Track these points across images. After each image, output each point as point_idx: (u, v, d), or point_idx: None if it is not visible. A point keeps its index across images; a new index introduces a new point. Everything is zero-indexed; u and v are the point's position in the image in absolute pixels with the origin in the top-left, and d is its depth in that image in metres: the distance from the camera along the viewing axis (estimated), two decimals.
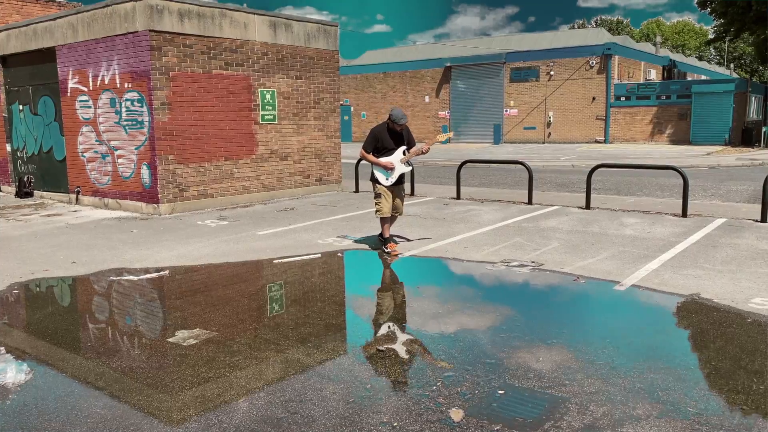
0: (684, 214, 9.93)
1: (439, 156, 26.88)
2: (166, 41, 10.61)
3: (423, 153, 7.76)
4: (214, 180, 11.59)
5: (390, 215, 7.85)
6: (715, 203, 11.94)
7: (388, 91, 42.70)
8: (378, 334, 5.03)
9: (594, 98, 34.75)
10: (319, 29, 13.34)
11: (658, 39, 48.71)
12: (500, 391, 3.92)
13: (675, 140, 32.97)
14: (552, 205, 11.39)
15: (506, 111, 37.92)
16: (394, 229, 8.54)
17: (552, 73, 35.91)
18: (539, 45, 39.17)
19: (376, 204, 7.80)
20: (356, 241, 8.51)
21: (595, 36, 39.73)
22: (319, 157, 13.60)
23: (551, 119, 36.25)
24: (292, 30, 12.77)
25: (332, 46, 13.66)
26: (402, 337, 4.93)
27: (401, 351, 4.60)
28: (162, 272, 7.03)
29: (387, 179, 7.73)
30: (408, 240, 8.50)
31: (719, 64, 68.33)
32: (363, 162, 18.26)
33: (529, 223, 9.68)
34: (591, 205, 11.01)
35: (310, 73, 13.19)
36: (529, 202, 11.60)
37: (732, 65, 68.15)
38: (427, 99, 41.06)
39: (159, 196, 10.81)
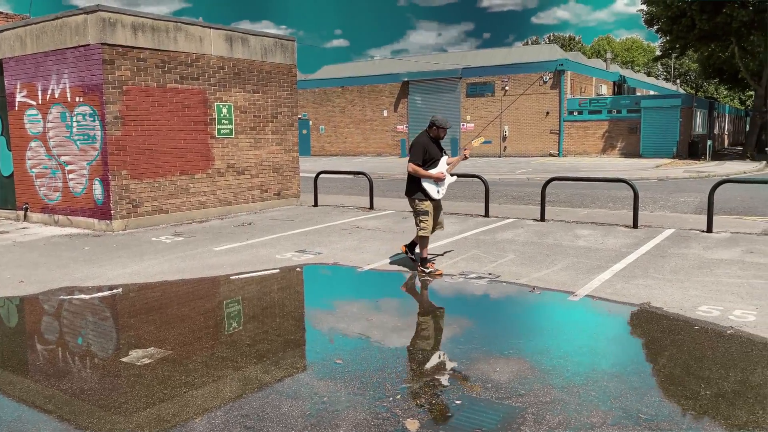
0: (635, 226, 10.23)
1: (399, 170, 27.03)
2: (119, 55, 10.43)
3: (465, 158, 7.57)
4: (169, 195, 11.39)
5: (431, 234, 7.45)
6: (664, 214, 12.33)
7: (346, 105, 42.83)
8: (336, 349, 5.01)
9: (548, 113, 35.56)
10: (276, 44, 13.33)
11: (609, 55, 50.23)
12: (457, 402, 3.95)
13: (626, 153, 33.97)
14: (508, 218, 11.57)
15: (463, 125, 38.46)
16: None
17: (507, 88, 36.63)
18: (494, 61, 39.92)
19: (422, 222, 7.31)
20: (316, 255, 8.47)
21: (548, 52, 40.73)
22: (278, 171, 13.52)
23: (507, 133, 36.91)
24: (249, 44, 12.72)
25: (289, 60, 13.66)
26: (361, 350, 4.93)
27: (360, 364, 4.59)
28: (115, 290, 6.86)
29: (438, 192, 7.34)
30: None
31: (666, 79, 70.88)
32: (323, 175, 18.15)
33: (487, 235, 9.81)
34: (546, 218, 11.23)
35: (268, 87, 13.14)
36: (486, 214, 11.77)
37: (678, 81, 70.77)
38: (385, 113, 41.33)
39: (112, 212, 10.56)
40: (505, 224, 10.89)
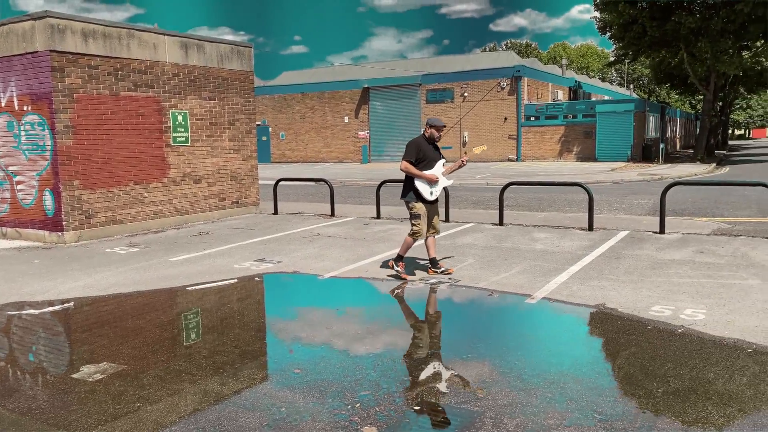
0: (590, 228, 10.44)
1: (360, 176, 27.05)
2: (69, 62, 10.16)
3: (462, 166, 7.52)
4: (123, 205, 11.13)
5: (423, 238, 7.43)
6: (619, 216, 12.62)
7: (306, 111, 42.66)
8: (296, 358, 4.95)
9: (506, 118, 36.08)
10: (232, 50, 13.19)
11: (564, 61, 51.31)
12: (416, 407, 3.95)
13: (582, 157, 34.68)
14: (468, 222, 11.67)
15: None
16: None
17: (466, 94, 37.04)
18: (453, 67, 40.36)
19: (414, 225, 7.31)
20: (276, 264, 8.39)
21: (506, 59, 41.40)
22: (235, 179, 13.36)
23: (466, 139, 37.30)
24: (205, 51, 12.55)
25: (246, 66, 13.53)
26: (320, 359, 4.89)
27: (319, 374, 4.55)
28: (67, 304, 6.66)
29: (431, 193, 7.31)
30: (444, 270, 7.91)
31: (620, 85, 72.76)
32: (284, 183, 17.96)
33: (447, 240, 9.87)
34: (504, 222, 11.37)
35: (225, 94, 12.99)
36: (446, 219, 11.85)
37: (632, 86, 72.73)
38: (346, 119, 41.32)
39: (63, 223, 10.26)
40: (464, 229, 10.98)
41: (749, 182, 14.63)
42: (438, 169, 7.34)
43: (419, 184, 7.25)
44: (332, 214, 13.01)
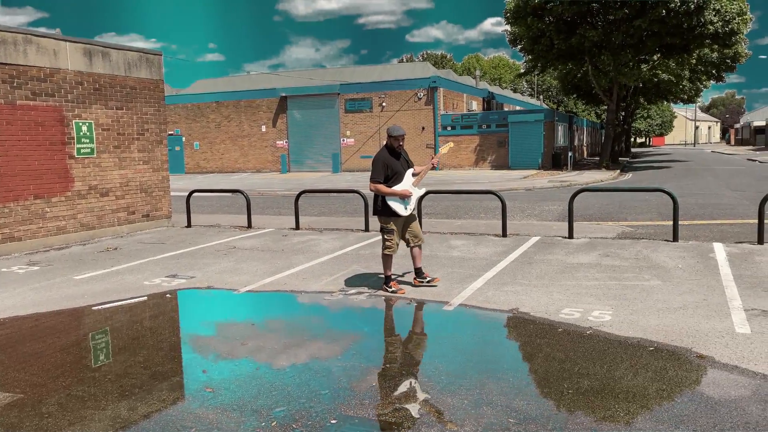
0: (504, 234, 10.74)
1: (279, 186, 26.69)
2: None
3: (434, 167, 7.08)
4: (21, 221, 10.43)
5: (397, 252, 7.16)
6: (531, 223, 13.07)
7: (222, 120, 41.69)
8: (210, 378, 4.77)
9: (423, 128, 36.69)
10: (141, 58, 12.69)
11: (478, 73, 52.88)
12: (333, 421, 3.89)
13: (496, 166, 35.77)
14: None
15: (343, 140, 38.74)
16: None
17: (384, 104, 37.40)
18: (371, 77, 40.67)
19: (386, 241, 7.02)
20: (189, 280, 8.09)
21: (422, 70, 42.13)
22: (146, 191, 12.83)
23: None
24: (111, 58, 12.01)
25: (156, 75, 13.06)
26: (235, 376, 4.73)
27: (234, 392, 4.41)
28: None
29: (406, 208, 6.96)
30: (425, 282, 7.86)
31: (531, 95, 75.72)
32: (198, 194, 17.35)
33: (366, 250, 9.87)
34: (424, 230, 11.48)
35: (133, 104, 12.47)
36: (366, 229, 11.86)
37: (541, 97, 75.86)
38: (263, 128, 40.71)
39: None
40: None
41: (649, 188, 15.56)
42: (408, 181, 6.97)
43: (392, 203, 6.90)
44: (249, 226, 12.74)
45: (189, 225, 13.16)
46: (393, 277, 7.39)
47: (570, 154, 35.13)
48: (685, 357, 4.85)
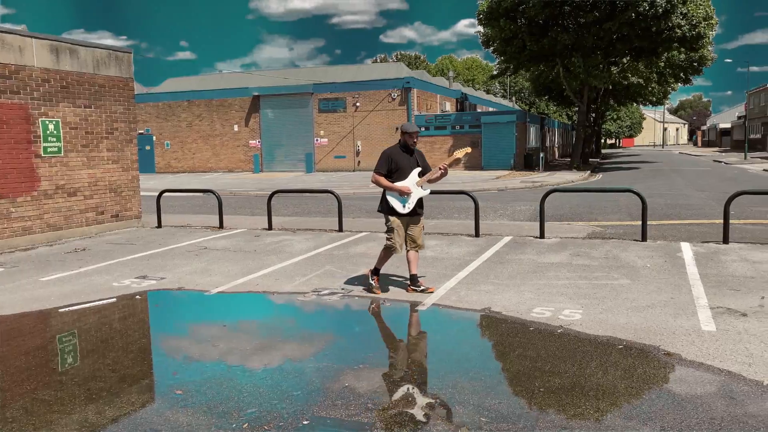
0: (477, 234, 10.81)
1: (251, 186, 26.47)
2: None
3: (443, 175, 6.89)
4: None
5: (401, 252, 6.91)
6: (503, 223, 13.18)
7: (193, 119, 41.21)
8: (180, 380, 4.71)
9: (397, 128, 36.62)
10: (110, 55, 12.47)
11: (451, 74, 53.14)
12: (305, 422, 3.87)
13: (469, 166, 35.99)
14: (361, 232, 11.72)
15: (317, 140, 38.60)
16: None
17: (358, 104, 37.36)
18: (345, 77, 40.59)
19: (388, 239, 6.88)
20: (159, 281, 7.97)
21: (396, 70, 42.19)
22: (115, 191, 12.61)
23: (359, 148, 37.61)
24: (79, 56, 11.78)
25: (126, 73, 12.84)
26: (206, 378, 4.67)
27: (204, 394, 4.35)
28: None
29: (404, 206, 6.83)
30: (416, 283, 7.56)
31: (504, 97, 76.40)
32: (169, 194, 17.12)
33: (340, 250, 9.85)
34: None
35: (102, 102, 12.24)
36: (340, 229, 11.83)
37: (514, 98, 76.55)
38: (236, 128, 40.34)
39: None
40: (358, 238, 11.01)
41: (619, 188, 15.77)
42: (412, 179, 6.85)
43: (390, 197, 6.84)
44: (221, 227, 12.61)
45: (159, 225, 12.97)
46: (384, 274, 7.33)
47: (542, 155, 35.52)
48: (653, 355, 4.94)
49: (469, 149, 7.47)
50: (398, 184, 6.79)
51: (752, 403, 4.04)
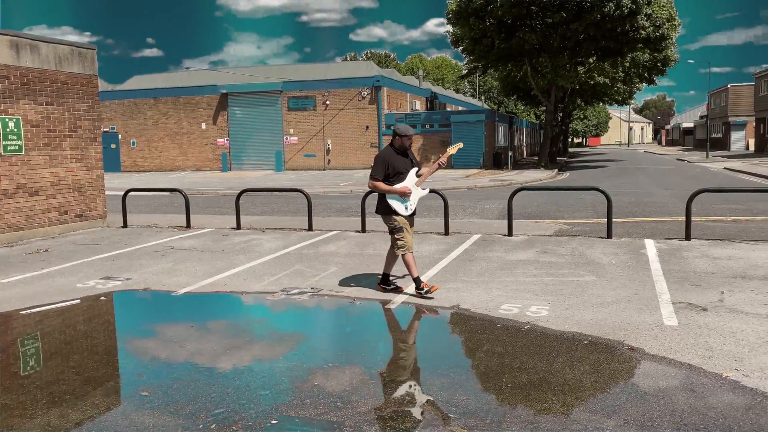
0: (446, 233, 10.88)
1: (219, 184, 26.18)
2: None
3: (440, 167, 6.89)
4: None
5: (410, 251, 6.74)
6: (472, 221, 13.28)
7: (160, 117, 40.57)
8: (146, 381, 4.64)
9: (367, 127, 36.75)
10: (72, 52, 12.20)
11: (421, 73, 53.31)
12: (273, 422, 3.85)
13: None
14: (331, 230, 11.69)
15: (286, 139, 38.35)
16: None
17: (328, 103, 37.23)
18: (314, 75, 40.38)
19: (399, 240, 6.67)
20: (125, 282, 7.83)
21: (366, 69, 42.15)
22: (79, 190, 12.35)
23: (330, 147, 37.50)
24: (40, 52, 11.50)
25: (89, 70, 12.58)
26: (173, 379, 4.61)
27: (171, 395, 4.30)
28: None
29: (406, 208, 6.69)
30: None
31: (473, 96, 76.96)
32: (135, 193, 16.84)
33: (310, 249, 9.81)
34: (366, 229, 11.52)
35: (64, 99, 11.97)
36: (310, 228, 11.78)
37: (483, 97, 77.19)
38: (204, 126, 39.84)
39: None
40: (328, 237, 10.98)
41: (585, 187, 16.00)
42: (410, 180, 6.75)
43: (392, 201, 6.67)
44: (188, 226, 12.45)
45: (125, 225, 12.74)
46: (392, 278, 7.18)
47: (510, 153, 35.89)
48: (618, 350, 5.04)
49: (461, 144, 7.41)
50: (398, 186, 6.69)
51: (711, 395, 4.15)
